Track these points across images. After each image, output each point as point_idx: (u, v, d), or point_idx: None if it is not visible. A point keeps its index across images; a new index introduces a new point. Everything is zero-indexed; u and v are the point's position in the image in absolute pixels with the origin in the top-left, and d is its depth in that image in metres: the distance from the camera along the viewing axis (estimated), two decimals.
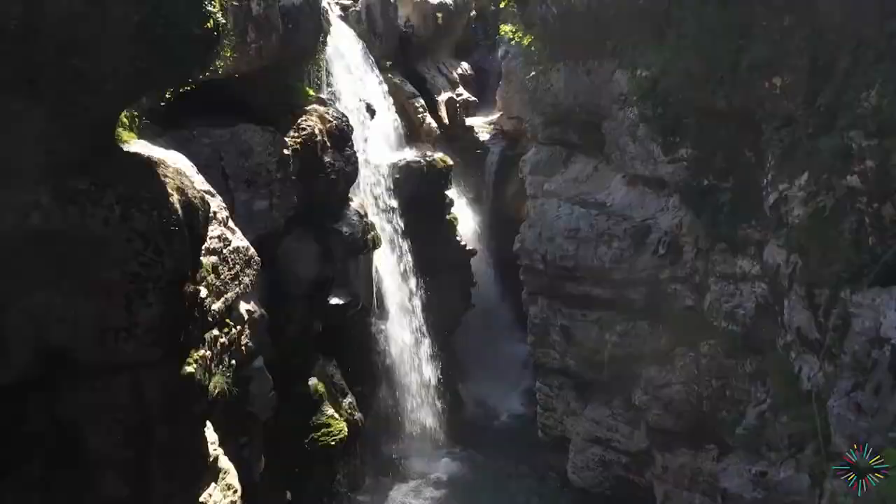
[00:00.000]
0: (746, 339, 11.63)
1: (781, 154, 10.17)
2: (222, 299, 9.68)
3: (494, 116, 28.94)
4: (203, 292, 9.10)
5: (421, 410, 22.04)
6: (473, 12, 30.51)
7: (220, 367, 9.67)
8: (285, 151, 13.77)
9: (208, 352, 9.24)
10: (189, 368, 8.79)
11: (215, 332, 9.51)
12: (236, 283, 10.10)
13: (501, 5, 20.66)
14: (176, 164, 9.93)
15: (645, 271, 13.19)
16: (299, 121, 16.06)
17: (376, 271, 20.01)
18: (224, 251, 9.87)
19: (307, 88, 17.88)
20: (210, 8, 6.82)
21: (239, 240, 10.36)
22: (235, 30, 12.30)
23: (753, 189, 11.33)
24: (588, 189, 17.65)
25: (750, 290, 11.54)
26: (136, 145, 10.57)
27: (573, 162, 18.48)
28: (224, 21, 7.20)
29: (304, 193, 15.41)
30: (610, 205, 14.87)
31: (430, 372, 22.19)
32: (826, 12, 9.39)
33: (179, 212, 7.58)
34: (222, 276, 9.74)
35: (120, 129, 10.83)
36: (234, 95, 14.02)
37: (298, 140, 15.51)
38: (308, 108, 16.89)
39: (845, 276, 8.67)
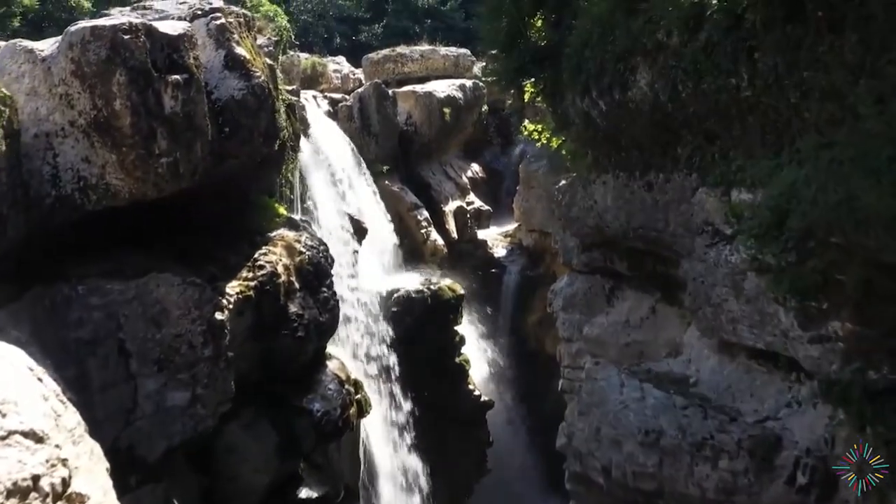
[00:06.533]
0: None
1: None
2: None
3: (510, 227, 24.74)
4: None
5: None
6: (486, 107, 26.61)
7: None
8: (218, 315, 9.27)
9: None
10: None
11: None
12: None
13: (525, 98, 16.54)
14: None
15: None
16: (257, 254, 11.68)
17: (365, 440, 15.41)
18: None
19: (276, 205, 13.66)
20: None
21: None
22: (136, 137, 7.99)
23: None
24: (645, 338, 13.33)
25: None
26: None
27: (620, 298, 14.48)
28: None
29: (259, 360, 10.95)
30: (694, 382, 10.27)
31: None
32: None
33: None
34: None
35: None
36: (151, 228, 9.69)
37: (253, 284, 11.11)
38: (273, 234, 12.61)
39: None
